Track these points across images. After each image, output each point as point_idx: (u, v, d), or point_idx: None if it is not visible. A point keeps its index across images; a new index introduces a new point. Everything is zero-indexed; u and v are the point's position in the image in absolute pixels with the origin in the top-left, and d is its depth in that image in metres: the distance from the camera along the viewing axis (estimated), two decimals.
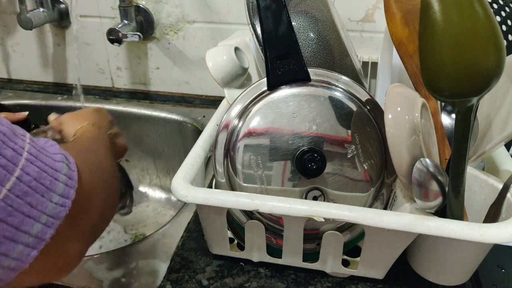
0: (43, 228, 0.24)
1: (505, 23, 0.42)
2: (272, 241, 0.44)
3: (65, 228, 0.26)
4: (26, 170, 0.24)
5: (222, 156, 0.43)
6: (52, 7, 0.80)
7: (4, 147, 0.23)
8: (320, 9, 0.51)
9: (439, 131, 0.44)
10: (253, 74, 0.60)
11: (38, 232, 0.24)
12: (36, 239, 0.24)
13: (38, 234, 0.24)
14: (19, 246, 0.23)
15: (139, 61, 0.85)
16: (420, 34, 0.30)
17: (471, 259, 0.40)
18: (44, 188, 0.24)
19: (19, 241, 0.23)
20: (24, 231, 0.23)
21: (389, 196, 0.43)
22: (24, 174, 0.23)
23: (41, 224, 0.24)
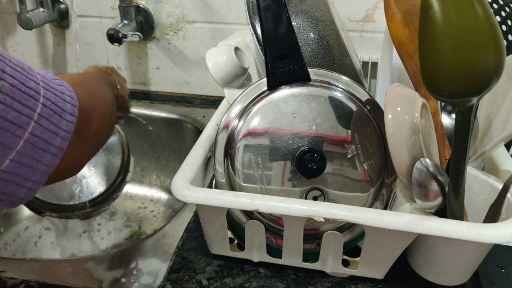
0: (62, 141, 0.30)
1: (505, 23, 0.42)
2: (272, 241, 0.44)
3: (72, 138, 0.31)
4: (46, 97, 0.29)
5: (222, 156, 0.43)
6: (52, 7, 0.80)
7: (28, 81, 0.27)
8: (320, 9, 0.51)
9: (439, 131, 0.44)
10: (253, 74, 0.60)
11: (59, 144, 0.30)
12: (58, 150, 0.30)
13: (59, 145, 0.30)
14: (48, 155, 0.29)
15: (139, 61, 0.85)
16: (420, 34, 0.30)
17: (471, 259, 0.40)
18: (60, 109, 0.30)
19: (48, 151, 0.29)
20: (51, 144, 0.29)
21: (389, 196, 0.43)
22: (46, 100, 0.28)
23: (60, 138, 0.30)
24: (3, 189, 0.28)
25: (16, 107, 0.26)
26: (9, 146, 0.26)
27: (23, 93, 0.27)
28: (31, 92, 0.27)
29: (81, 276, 0.45)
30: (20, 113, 0.26)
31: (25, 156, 0.27)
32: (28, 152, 0.27)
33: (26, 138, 0.27)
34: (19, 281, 0.44)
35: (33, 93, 0.27)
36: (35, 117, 0.27)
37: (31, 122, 0.27)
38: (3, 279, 0.45)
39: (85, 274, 0.46)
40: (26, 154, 0.27)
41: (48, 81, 0.30)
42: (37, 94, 0.28)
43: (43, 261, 0.48)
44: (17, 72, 0.27)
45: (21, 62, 0.28)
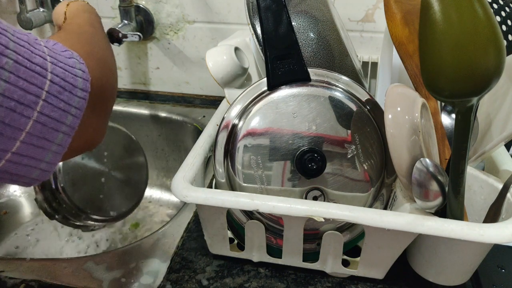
0: (74, 119, 0.29)
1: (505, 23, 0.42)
2: (272, 241, 0.44)
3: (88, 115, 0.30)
4: (54, 72, 0.27)
5: (222, 156, 0.43)
6: (52, 7, 0.80)
7: (33, 56, 0.26)
8: (320, 9, 0.51)
9: (439, 131, 0.44)
10: (253, 74, 0.60)
11: (71, 122, 0.28)
12: (70, 128, 0.29)
13: (71, 124, 0.28)
14: (60, 134, 0.28)
15: (139, 61, 0.85)
16: (420, 34, 0.30)
17: (471, 259, 0.40)
18: (70, 85, 0.28)
19: (59, 130, 0.28)
20: (62, 122, 0.28)
21: (389, 196, 0.43)
22: (54, 76, 0.27)
23: (72, 116, 0.28)
24: (16, 171, 0.27)
25: (22, 86, 0.25)
26: (18, 127, 0.25)
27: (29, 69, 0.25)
28: (37, 68, 0.26)
29: (81, 276, 0.45)
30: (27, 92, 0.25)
31: (35, 136, 0.26)
32: (39, 132, 0.26)
33: (35, 117, 0.26)
34: (19, 281, 0.44)
35: (39, 69, 0.26)
36: (44, 95, 0.26)
37: (39, 101, 0.26)
38: (3, 279, 0.45)
39: (85, 274, 0.46)
40: (36, 134, 0.26)
41: (56, 54, 0.28)
42: (44, 70, 0.26)
43: (43, 261, 0.48)
44: (21, 47, 0.25)
45: (26, 35, 0.26)
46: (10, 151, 0.25)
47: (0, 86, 0.23)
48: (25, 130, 0.25)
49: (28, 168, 0.27)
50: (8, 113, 0.24)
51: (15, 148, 0.25)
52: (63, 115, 0.28)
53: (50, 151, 0.28)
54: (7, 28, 0.25)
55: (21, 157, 0.26)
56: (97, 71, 0.32)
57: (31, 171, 0.28)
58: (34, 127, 0.26)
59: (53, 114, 0.27)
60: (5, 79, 0.24)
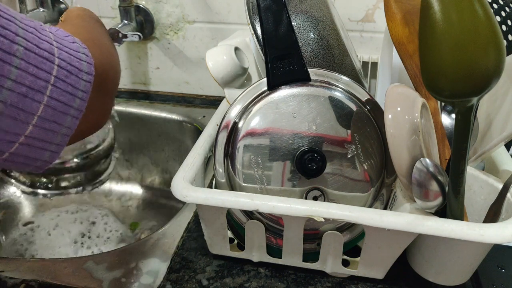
0: (81, 102, 0.29)
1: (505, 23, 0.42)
2: (272, 241, 0.44)
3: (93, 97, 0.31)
4: (61, 57, 0.28)
5: (222, 156, 0.43)
6: (52, 7, 0.80)
7: (41, 42, 0.26)
8: (320, 9, 0.51)
9: (439, 131, 0.44)
10: (253, 74, 0.60)
11: (78, 106, 0.29)
12: (78, 111, 0.29)
13: (78, 107, 0.29)
14: (68, 117, 0.29)
15: (139, 61, 0.85)
16: (420, 34, 0.30)
17: (471, 259, 0.40)
18: (76, 69, 0.29)
19: (68, 113, 0.28)
20: (71, 106, 0.28)
21: (389, 196, 0.43)
22: (61, 61, 0.27)
23: (79, 99, 0.29)
24: (29, 154, 0.28)
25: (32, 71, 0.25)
26: (31, 112, 0.26)
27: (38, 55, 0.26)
28: (45, 54, 0.26)
29: (81, 276, 0.45)
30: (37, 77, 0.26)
31: (46, 120, 0.27)
32: (49, 116, 0.27)
33: (45, 102, 0.26)
34: (19, 281, 0.44)
35: (47, 54, 0.26)
36: (52, 80, 0.27)
37: (48, 86, 0.26)
38: (3, 279, 0.45)
39: (85, 274, 0.46)
40: (47, 118, 0.27)
41: (61, 39, 0.29)
42: (51, 55, 0.27)
43: (43, 261, 0.48)
44: (29, 33, 0.26)
45: (32, 21, 0.27)
46: (23, 134, 0.26)
47: (12, 72, 0.24)
48: (36, 114, 0.26)
49: (39, 151, 0.28)
50: (21, 99, 0.25)
51: (28, 132, 0.26)
52: (71, 98, 0.28)
53: (60, 134, 0.29)
54: (15, 15, 0.25)
55: (33, 140, 0.27)
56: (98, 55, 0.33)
57: (42, 154, 0.29)
58: (45, 111, 0.27)
59: (61, 98, 0.28)
60: (17, 66, 0.24)
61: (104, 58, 0.34)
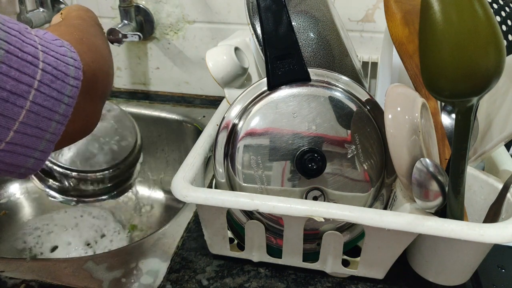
0: (67, 107, 0.29)
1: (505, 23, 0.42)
2: (272, 241, 0.44)
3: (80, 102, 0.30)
4: (46, 61, 0.27)
5: (222, 156, 0.43)
6: (52, 7, 0.80)
7: (25, 45, 0.26)
8: (320, 9, 0.51)
9: (439, 131, 0.44)
10: (253, 74, 0.60)
11: (64, 111, 0.29)
12: (63, 117, 0.29)
13: (64, 112, 0.29)
14: (53, 123, 0.28)
15: (139, 61, 0.85)
16: (420, 34, 0.30)
17: (471, 259, 0.40)
18: (62, 74, 0.28)
19: (53, 119, 0.28)
20: (55, 111, 0.28)
21: (389, 196, 0.43)
22: (46, 65, 0.27)
23: (65, 104, 0.28)
24: (11, 161, 0.27)
25: (14, 75, 0.24)
26: (11, 117, 0.25)
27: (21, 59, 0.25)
28: (29, 57, 0.26)
29: (81, 276, 0.45)
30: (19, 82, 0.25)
31: (29, 126, 0.26)
32: (32, 121, 0.26)
33: (28, 107, 0.26)
34: (19, 281, 0.44)
35: (31, 58, 0.26)
36: (36, 85, 0.26)
37: (31, 90, 0.26)
38: (3, 279, 0.45)
39: (85, 274, 0.46)
40: (30, 124, 0.26)
41: (47, 43, 0.28)
42: (35, 59, 0.26)
43: (43, 261, 0.48)
44: (12, 36, 0.25)
45: (16, 24, 0.26)
46: (4, 140, 0.25)
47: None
48: (18, 120, 0.26)
49: (22, 158, 0.27)
50: (1, 103, 0.24)
51: (9, 138, 0.26)
52: (56, 104, 0.28)
53: (44, 140, 0.28)
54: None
55: (15, 147, 0.26)
56: (88, 56, 0.32)
57: (26, 161, 0.28)
58: (27, 117, 0.26)
59: (46, 103, 0.27)
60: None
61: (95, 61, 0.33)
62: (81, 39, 0.34)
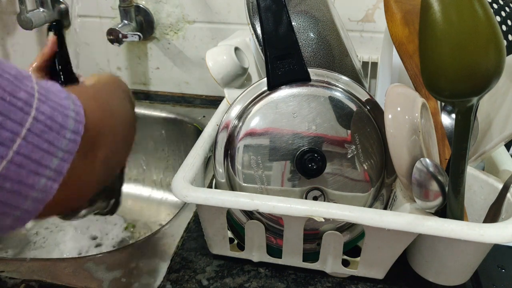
0: (61, 163, 0.26)
1: (505, 23, 0.42)
2: (272, 241, 0.44)
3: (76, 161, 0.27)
4: (41, 110, 0.25)
5: (222, 156, 0.43)
6: (52, 7, 0.80)
7: (18, 90, 0.24)
8: (320, 9, 0.51)
9: (439, 131, 0.44)
10: (253, 74, 0.60)
11: (56, 166, 0.26)
12: (56, 173, 0.26)
13: (57, 168, 0.26)
14: (42, 179, 0.25)
15: (139, 61, 0.85)
16: (420, 34, 0.30)
17: (471, 259, 0.40)
18: (58, 125, 0.26)
19: (42, 174, 0.25)
20: (45, 166, 0.25)
21: (389, 196, 0.43)
22: (39, 113, 0.25)
23: (59, 159, 0.26)
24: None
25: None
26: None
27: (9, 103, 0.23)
28: (19, 103, 0.23)
29: (81, 276, 0.45)
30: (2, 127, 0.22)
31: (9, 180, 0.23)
32: (13, 175, 0.23)
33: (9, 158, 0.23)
34: (19, 281, 0.44)
35: (21, 104, 0.24)
36: (23, 133, 0.23)
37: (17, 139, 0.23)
38: (3, 279, 0.45)
39: (85, 274, 0.46)
40: (10, 177, 0.23)
41: (48, 92, 0.26)
42: (27, 106, 0.24)
43: (43, 261, 0.48)
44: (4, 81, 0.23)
45: (15, 69, 0.25)
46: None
47: None
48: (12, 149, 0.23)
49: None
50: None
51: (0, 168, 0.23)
52: (47, 157, 0.25)
53: (29, 198, 0.25)
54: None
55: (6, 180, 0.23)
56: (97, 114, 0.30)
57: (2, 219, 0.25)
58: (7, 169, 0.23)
59: (33, 155, 0.24)
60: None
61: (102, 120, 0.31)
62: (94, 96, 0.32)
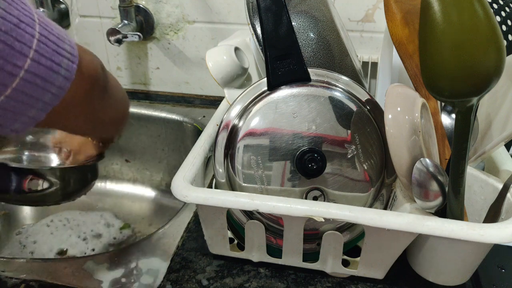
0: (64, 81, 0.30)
1: (505, 23, 0.42)
2: (272, 241, 0.44)
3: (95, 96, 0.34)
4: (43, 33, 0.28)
5: (222, 156, 0.43)
6: (52, 7, 0.80)
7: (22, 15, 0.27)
8: (320, 9, 0.51)
9: (439, 131, 0.44)
10: (253, 74, 0.60)
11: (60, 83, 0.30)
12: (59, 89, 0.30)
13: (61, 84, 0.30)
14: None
15: (139, 61, 0.85)
16: (420, 34, 0.30)
17: (471, 259, 0.40)
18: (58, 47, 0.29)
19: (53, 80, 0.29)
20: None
21: (389, 196, 0.43)
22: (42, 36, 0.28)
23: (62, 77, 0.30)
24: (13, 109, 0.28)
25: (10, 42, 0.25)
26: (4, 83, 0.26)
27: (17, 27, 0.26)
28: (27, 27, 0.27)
29: (81, 276, 0.45)
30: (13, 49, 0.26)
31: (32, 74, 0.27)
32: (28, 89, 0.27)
33: (31, 56, 0.27)
34: (19, 281, 0.44)
35: (28, 28, 0.27)
36: (31, 54, 0.27)
37: (26, 60, 0.27)
38: (3, 279, 0.45)
39: (85, 274, 0.46)
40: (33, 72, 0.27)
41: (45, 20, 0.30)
42: (32, 29, 0.27)
43: (43, 261, 0.48)
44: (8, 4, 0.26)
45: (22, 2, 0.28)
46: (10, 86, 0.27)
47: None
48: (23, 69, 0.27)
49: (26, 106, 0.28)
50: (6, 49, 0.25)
51: (15, 84, 0.27)
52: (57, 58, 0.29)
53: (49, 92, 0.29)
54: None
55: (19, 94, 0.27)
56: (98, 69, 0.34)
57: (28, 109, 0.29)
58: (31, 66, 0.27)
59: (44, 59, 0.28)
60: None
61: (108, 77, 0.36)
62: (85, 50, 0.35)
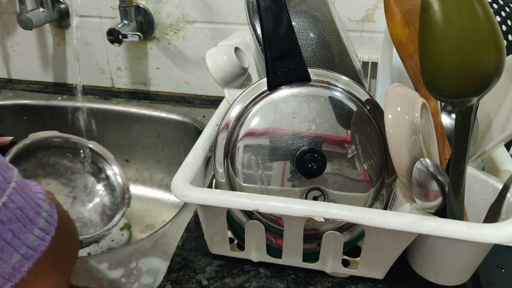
0: (22, 260, 0.24)
1: (505, 23, 0.42)
2: (272, 241, 0.44)
3: (45, 264, 0.26)
4: (12, 198, 0.24)
5: (222, 156, 0.43)
6: (52, 7, 0.80)
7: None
8: (320, 9, 0.51)
9: (439, 131, 0.44)
10: (253, 74, 0.60)
11: (16, 263, 0.24)
12: (13, 271, 0.24)
13: (16, 265, 0.24)
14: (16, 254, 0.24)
15: (139, 61, 0.85)
16: (420, 34, 0.30)
17: (471, 259, 0.40)
18: (27, 219, 0.25)
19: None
20: (3, 260, 0.23)
21: (389, 196, 0.43)
22: (10, 201, 0.24)
23: (20, 255, 0.24)
24: None
25: None
26: None
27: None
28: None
29: (81, 276, 0.45)
30: None
31: None
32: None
33: None
34: None
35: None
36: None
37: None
38: None
39: (85, 274, 0.46)
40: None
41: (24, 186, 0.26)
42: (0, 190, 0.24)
43: None
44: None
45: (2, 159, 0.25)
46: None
47: None
48: None
49: None
50: None
51: None
52: (8, 250, 0.24)
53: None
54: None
55: None
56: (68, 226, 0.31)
57: None
58: None
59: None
60: None
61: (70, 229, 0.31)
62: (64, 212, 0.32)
